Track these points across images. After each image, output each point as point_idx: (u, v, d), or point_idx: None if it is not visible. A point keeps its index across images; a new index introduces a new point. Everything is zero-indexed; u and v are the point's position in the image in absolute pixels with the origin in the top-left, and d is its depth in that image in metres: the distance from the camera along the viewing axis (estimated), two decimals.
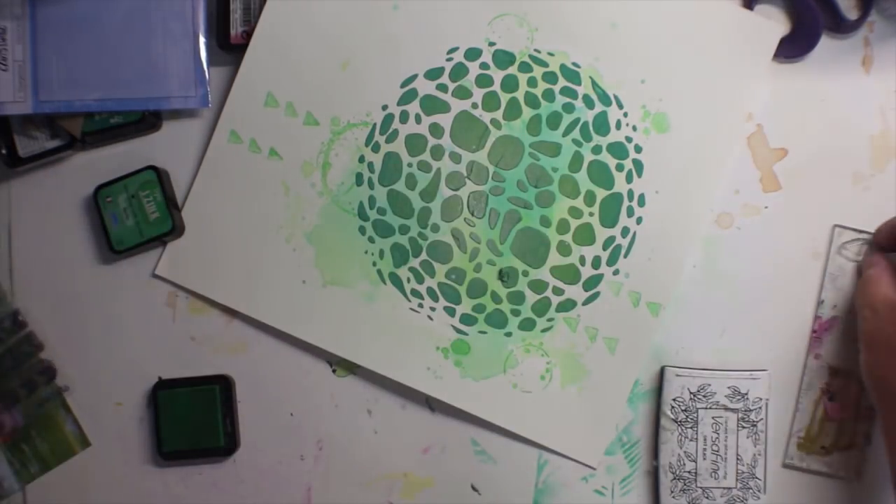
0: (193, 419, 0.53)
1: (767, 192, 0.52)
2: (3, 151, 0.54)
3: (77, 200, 0.56)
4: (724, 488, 0.50)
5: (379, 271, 0.52)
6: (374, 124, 0.52)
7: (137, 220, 0.53)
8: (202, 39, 0.54)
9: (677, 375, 0.50)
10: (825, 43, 0.51)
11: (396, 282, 0.52)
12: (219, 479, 0.55)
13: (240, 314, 0.55)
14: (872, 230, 0.49)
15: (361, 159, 0.52)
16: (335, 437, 0.54)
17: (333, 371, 0.54)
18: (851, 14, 0.51)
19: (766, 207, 0.52)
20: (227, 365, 0.55)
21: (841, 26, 0.51)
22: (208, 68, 0.54)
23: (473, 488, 0.53)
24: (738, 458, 0.50)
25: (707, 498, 0.50)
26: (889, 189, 0.51)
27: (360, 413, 0.54)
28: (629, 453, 0.52)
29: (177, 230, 0.53)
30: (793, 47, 0.51)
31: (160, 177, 0.53)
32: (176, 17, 0.53)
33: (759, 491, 0.50)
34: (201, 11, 0.54)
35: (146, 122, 0.54)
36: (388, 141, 0.52)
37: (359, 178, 0.52)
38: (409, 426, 0.54)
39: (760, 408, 0.50)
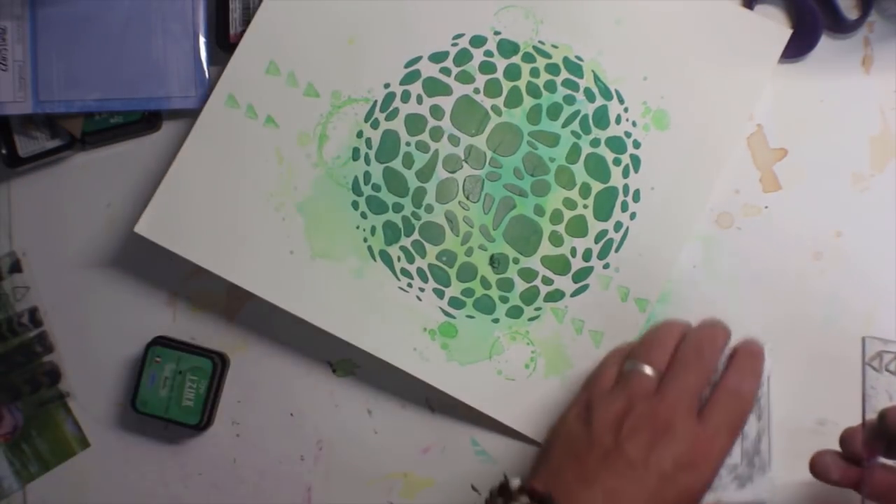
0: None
1: (767, 192, 0.52)
2: (3, 151, 0.54)
3: (77, 200, 0.56)
4: (729, 466, 0.49)
5: (370, 247, 0.52)
6: (375, 101, 0.52)
7: (170, 397, 0.53)
8: (202, 39, 0.54)
9: None
10: (825, 43, 0.51)
11: (387, 259, 0.52)
12: (219, 480, 0.55)
13: (240, 315, 0.55)
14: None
15: (360, 134, 0.52)
16: (335, 437, 0.54)
17: (333, 371, 0.54)
18: (851, 14, 0.51)
19: (766, 207, 0.52)
20: None
21: (841, 26, 0.51)
22: (208, 68, 0.54)
23: (473, 488, 0.53)
24: (742, 435, 0.49)
25: (715, 477, 0.48)
26: (889, 190, 0.51)
27: (360, 413, 0.54)
28: None
29: (201, 428, 0.53)
30: (793, 47, 0.51)
31: (215, 371, 0.53)
32: (176, 17, 0.53)
33: (764, 467, 0.49)
34: (201, 11, 0.54)
35: (146, 122, 0.54)
36: (387, 119, 0.52)
37: (355, 153, 0.52)
38: (409, 426, 0.54)
39: (762, 382, 0.48)
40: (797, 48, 0.51)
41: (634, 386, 0.45)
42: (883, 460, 0.42)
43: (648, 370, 0.45)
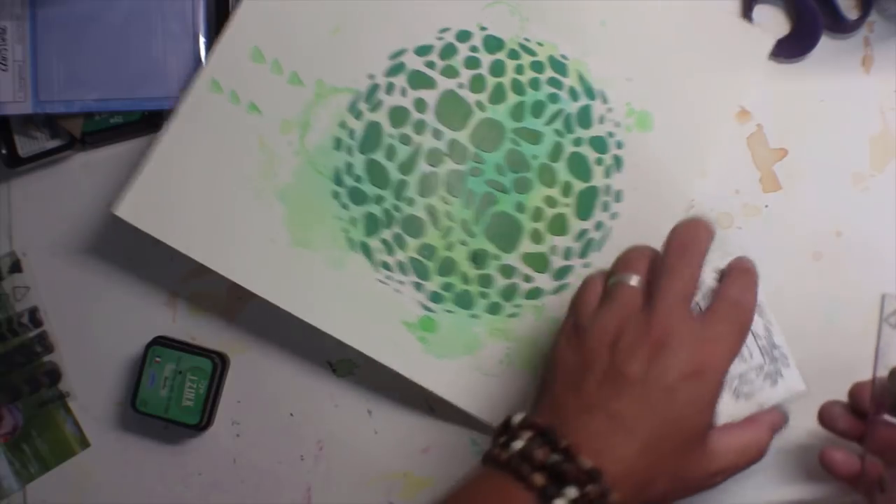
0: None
1: (767, 192, 0.52)
2: (3, 151, 0.54)
3: (77, 200, 0.56)
4: (756, 368, 0.48)
5: (350, 238, 0.52)
6: (359, 92, 0.52)
7: (170, 397, 0.53)
8: (202, 39, 0.54)
9: None
10: (825, 43, 0.51)
11: (366, 251, 0.52)
12: (219, 480, 0.55)
13: (240, 315, 0.55)
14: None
15: (343, 125, 0.52)
16: (335, 437, 0.54)
17: (333, 371, 0.54)
18: (851, 14, 0.51)
19: (766, 207, 0.52)
20: None
21: (841, 26, 0.51)
22: None
23: None
24: (754, 335, 0.48)
25: (746, 384, 0.48)
26: (889, 190, 0.51)
27: (360, 413, 0.54)
28: None
29: (201, 428, 0.53)
30: (793, 47, 0.51)
31: (215, 371, 0.53)
32: (176, 17, 0.54)
33: (786, 357, 0.47)
34: (201, 11, 0.54)
35: (146, 122, 0.54)
36: (371, 110, 0.52)
37: (337, 143, 0.52)
38: (409, 426, 0.54)
39: None
40: (797, 48, 0.51)
41: (621, 299, 0.43)
42: (889, 418, 0.42)
43: (633, 280, 0.43)
